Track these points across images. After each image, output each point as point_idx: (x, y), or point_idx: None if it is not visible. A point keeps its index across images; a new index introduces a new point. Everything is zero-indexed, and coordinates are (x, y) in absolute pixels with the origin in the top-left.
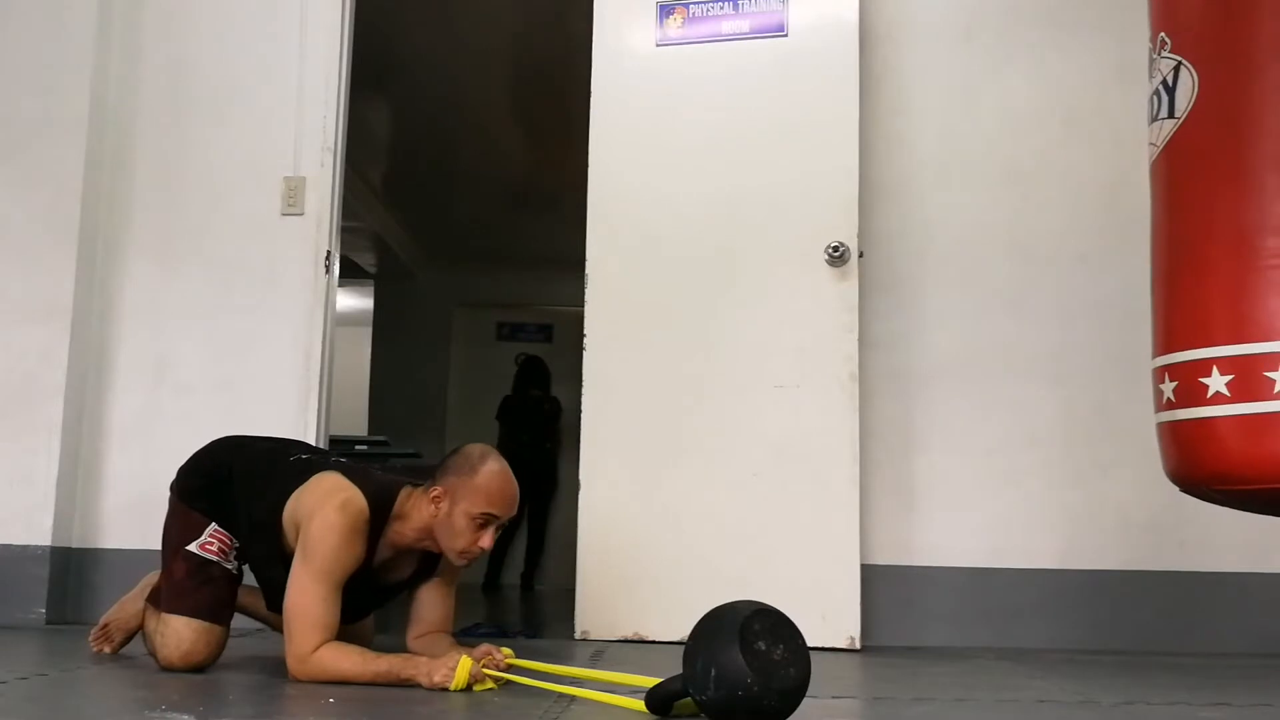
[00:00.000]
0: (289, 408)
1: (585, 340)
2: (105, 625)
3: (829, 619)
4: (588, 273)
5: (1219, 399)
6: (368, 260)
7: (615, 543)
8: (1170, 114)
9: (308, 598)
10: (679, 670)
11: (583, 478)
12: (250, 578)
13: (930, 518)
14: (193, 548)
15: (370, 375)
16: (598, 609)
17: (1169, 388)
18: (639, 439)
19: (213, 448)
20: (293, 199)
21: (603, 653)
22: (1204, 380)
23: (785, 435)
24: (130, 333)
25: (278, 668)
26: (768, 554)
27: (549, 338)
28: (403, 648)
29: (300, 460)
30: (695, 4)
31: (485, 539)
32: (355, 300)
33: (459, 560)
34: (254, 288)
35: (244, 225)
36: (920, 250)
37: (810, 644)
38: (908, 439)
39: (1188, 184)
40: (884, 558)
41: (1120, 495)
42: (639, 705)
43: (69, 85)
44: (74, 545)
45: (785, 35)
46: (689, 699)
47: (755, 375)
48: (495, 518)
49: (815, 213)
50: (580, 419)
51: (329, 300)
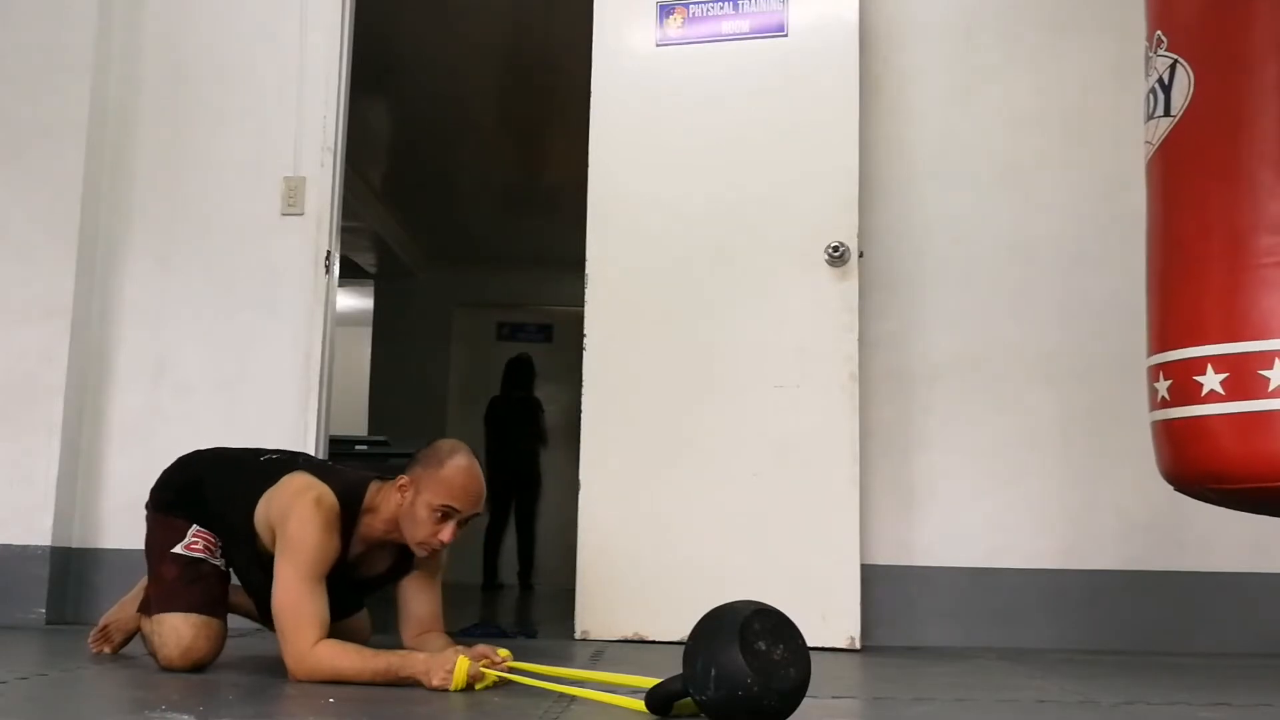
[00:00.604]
0: (289, 408)
1: (585, 340)
2: (104, 627)
3: (829, 619)
4: (588, 273)
5: (1213, 397)
6: (368, 260)
7: (615, 543)
8: (1166, 112)
9: (294, 594)
10: (679, 670)
11: (583, 478)
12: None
13: (930, 517)
14: (179, 549)
15: (370, 375)
16: (598, 609)
17: (1163, 386)
18: (639, 439)
19: (180, 463)
20: (293, 199)
21: (603, 653)
22: (1198, 379)
23: (785, 435)
24: (130, 333)
25: (277, 668)
26: (768, 554)
27: (549, 338)
28: (401, 647)
29: (268, 462)
30: (695, 4)
31: (445, 532)
32: (355, 300)
33: (419, 551)
34: (254, 288)
35: (244, 225)
36: (920, 250)
37: (810, 644)
38: (908, 439)
39: (1183, 182)
40: (884, 557)
41: (1120, 495)
42: (639, 705)
43: (69, 86)
44: (74, 545)
45: (785, 35)
46: (689, 699)
47: (755, 375)
48: (456, 511)
49: (815, 213)
50: (579, 419)
51: (329, 300)
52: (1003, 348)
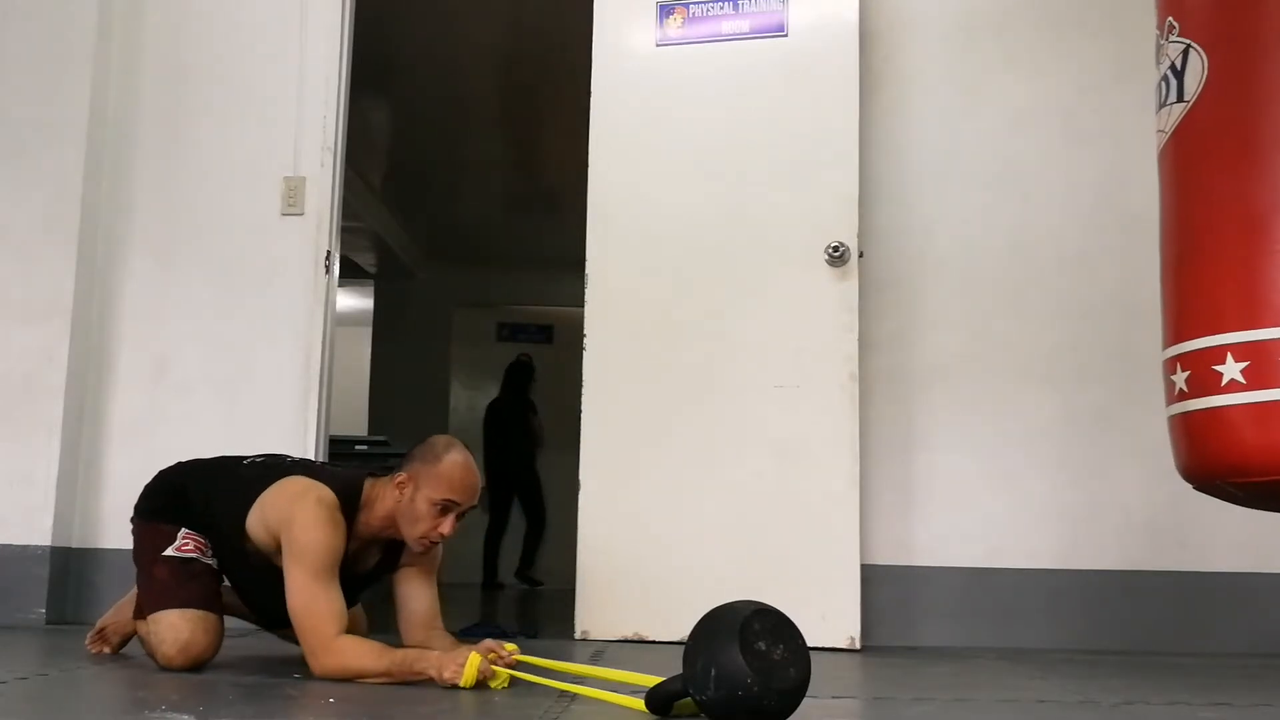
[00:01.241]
0: (289, 407)
1: (585, 340)
2: (102, 629)
3: (829, 619)
4: (588, 273)
5: (1234, 387)
6: (368, 260)
7: (615, 543)
8: (1179, 98)
9: (310, 593)
10: (679, 670)
11: (583, 477)
12: None
13: (930, 517)
14: (170, 552)
15: (370, 375)
16: (598, 609)
17: (1181, 378)
18: (639, 439)
19: (161, 475)
20: (293, 199)
21: (603, 653)
22: (1218, 368)
23: (785, 435)
24: (130, 333)
25: (277, 668)
26: (768, 553)
27: (549, 338)
28: (401, 645)
29: (255, 465)
30: (695, 4)
31: (445, 525)
32: (355, 300)
33: (418, 546)
34: (254, 288)
35: (244, 225)
36: (920, 250)
37: (810, 644)
38: (907, 439)
39: (1198, 168)
40: (884, 558)
41: (1120, 495)
42: (639, 705)
43: (69, 86)
44: (74, 545)
45: (785, 35)
46: (689, 699)
47: (755, 375)
48: (456, 504)
49: (815, 212)
50: (579, 419)
51: (329, 300)
52: (1002, 347)
